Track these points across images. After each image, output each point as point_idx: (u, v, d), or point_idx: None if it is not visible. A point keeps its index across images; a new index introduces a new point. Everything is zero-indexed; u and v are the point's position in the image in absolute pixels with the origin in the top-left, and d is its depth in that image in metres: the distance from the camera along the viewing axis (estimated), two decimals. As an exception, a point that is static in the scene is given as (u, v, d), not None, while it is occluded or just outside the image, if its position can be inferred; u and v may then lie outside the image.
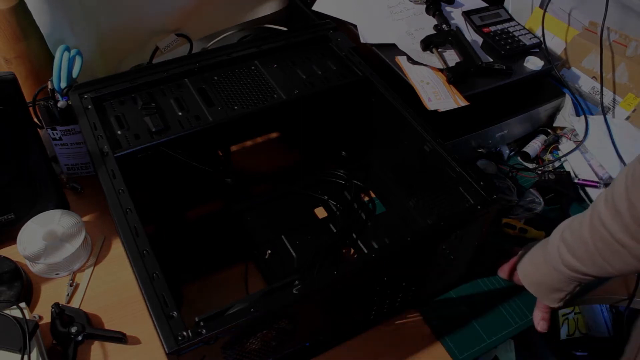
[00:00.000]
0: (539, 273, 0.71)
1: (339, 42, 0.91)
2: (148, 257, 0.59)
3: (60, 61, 0.80)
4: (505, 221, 0.88)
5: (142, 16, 0.93)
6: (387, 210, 0.90)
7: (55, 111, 0.83)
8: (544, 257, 0.70)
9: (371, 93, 0.85)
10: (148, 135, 0.75)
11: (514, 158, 1.01)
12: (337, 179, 0.92)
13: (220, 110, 0.79)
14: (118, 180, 0.67)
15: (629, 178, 0.56)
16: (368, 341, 0.75)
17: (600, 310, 1.24)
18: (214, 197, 0.90)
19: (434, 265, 0.74)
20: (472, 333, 0.77)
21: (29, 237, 0.78)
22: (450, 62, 0.94)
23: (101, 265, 0.81)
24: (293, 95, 0.82)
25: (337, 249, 0.83)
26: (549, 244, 0.69)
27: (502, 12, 1.07)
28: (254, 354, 0.63)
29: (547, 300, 0.72)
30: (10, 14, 0.81)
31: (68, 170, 0.90)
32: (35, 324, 0.66)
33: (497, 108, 0.96)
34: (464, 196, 0.72)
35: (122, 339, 0.71)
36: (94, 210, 0.87)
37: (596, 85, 1.02)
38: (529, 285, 0.74)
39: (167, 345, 0.52)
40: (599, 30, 1.01)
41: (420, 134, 0.76)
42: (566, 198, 0.93)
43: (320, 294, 0.61)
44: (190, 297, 0.76)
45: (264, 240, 0.83)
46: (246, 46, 0.88)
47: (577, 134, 1.00)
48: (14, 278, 0.75)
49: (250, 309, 0.56)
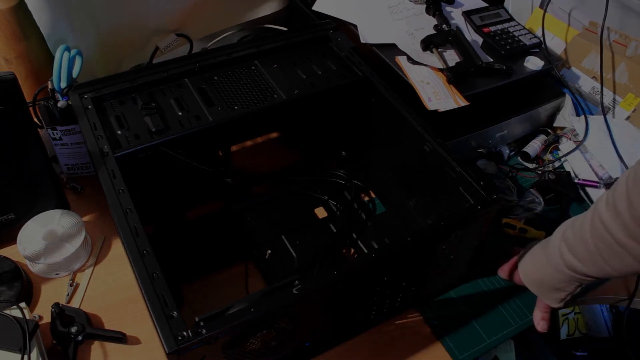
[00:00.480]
0: (541, 272, 0.71)
1: (339, 42, 0.91)
2: (148, 257, 0.59)
3: (60, 61, 0.80)
4: (505, 221, 0.88)
5: (142, 16, 0.93)
6: (387, 210, 0.90)
7: (55, 111, 0.83)
8: (546, 257, 0.70)
9: (371, 93, 0.85)
10: (148, 135, 0.75)
11: (514, 158, 1.01)
12: (337, 179, 0.92)
13: (220, 110, 0.79)
14: (118, 180, 0.67)
15: (630, 179, 0.56)
16: (368, 341, 0.75)
17: (600, 310, 1.24)
18: (214, 197, 0.90)
19: (434, 265, 0.74)
20: (472, 333, 0.77)
21: (29, 237, 0.78)
22: (450, 62, 0.94)
23: (101, 265, 0.81)
24: (293, 95, 0.82)
25: (337, 249, 0.83)
26: (551, 243, 0.69)
27: (502, 12, 1.07)
28: (254, 354, 0.63)
29: (548, 300, 0.72)
30: (10, 14, 0.81)
31: (68, 170, 0.90)
32: (35, 324, 0.66)
33: (497, 108, 0.96)
34: (464, 196, 0.72)
35: (122, 339, 0.71)
36: (94, 210, 0.87)
37: (596, 85, 1.02)
38: (530, 284, 0.74)
39: (167, 345, 0.52)
40: (599, 30, 1.01)
41: (420, 134, 0.76)
42: (566, 198, 0.93)
43: (320, 294, 0.61)
44: (190, 297, 0.76)
45: (264, 240, 0.83)
46: (246, 46, 0.88)
47: (577, 134, 1.00)
48: (14, 278, 0.75)
49: (250, 309, 0.56)
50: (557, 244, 0.67)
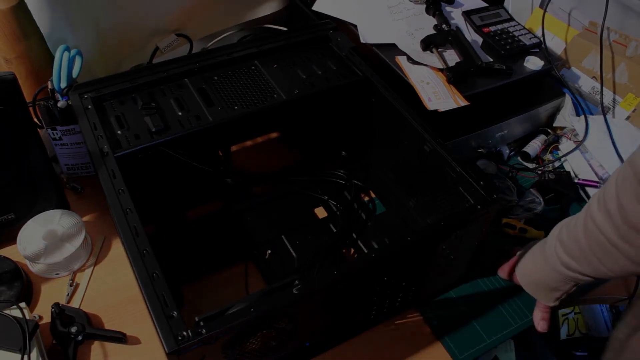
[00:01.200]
0: (539, 273, 0.71)
1: (339, 42, 0.91)
2: (148, 257, 0.59)
3: (60, 61, 0.80)
4: (505, 221, 0.88)
5: (142, 16, 0.93)
6: (387, 210, 0.90)
7: (55, 111, 0.83)
8: (543, 257, 0.70)
9: (371, 93, 0.85)
10: (148, 135, 0.75)
11: (514, 158, 1.01)
12: (337, 179, 0.92)
13: (220, 110, 0.79)
14: (118, 180, 0.67)
15: (619, 180, 0.56)
16: (368, 341, 0.75)
17: (600, 310, 1.24)
18: (214, 197, 0.90)
19: (434, 265, 0.74)
20: (472, 333, 0.77)
21: (29, 237, 0.78)
22: (450, 62, 0.94)
23: (101, 265, 0.81)
24: (293, 95, 0.82)
25: (337, 249, 0.83)
26: (547, 244, 0.69)
27: (502, 12, 1.07)
28: (254, 354, 0.63)
29: (544, 299, 0.72)
30: (10, 14, 0.81)
31: (68, 170, 0.90)
32: (35, 323, 0.66)
33: (497, 108, 0.96)
34: (464, 196, 0.72)
35: (122, 339, 0.71)
36: (94, 210, 0.87)
37: (596, 85, 1.02)
38: (527, 285, 0.74)
39: (167, 345, 0.52)
40: (599, 30, 1.01)
41: (420, 134, 0.76)
42: (566, 198, 0.93)
43: (320, 294, 0.61)
44: (190, 297, 0.76)
45: (264, 240, 0.83)
46: (246, 46, 0.88)
47: (577, 134, 1.00)
48: (14, 278, 0.75)
49: (250, 309, 0.56)
50: (553, 244, 0.67)
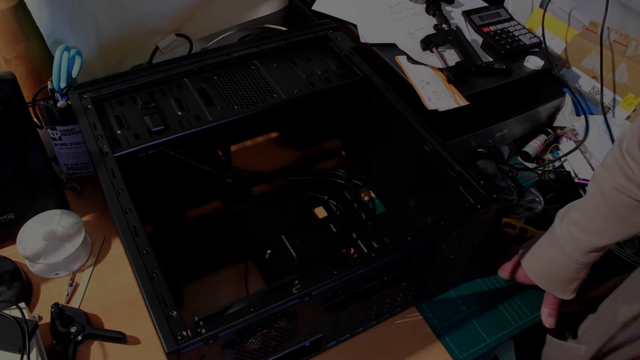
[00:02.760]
0: (552, 266, 0.71)
1: (339, 42, 0.91)
2: (148, 256, 0.59)
3: (60, 61, 0.80)
4: (505, 221, 0.88)
5: (142, 16, 0.93)
6: (387, 210, 0.90)
7: (55, 111, 0.83)
8: (554, 249, 0.69)
9: (371, 93, 0.85)
10: (148, 135, 0.75)
11: (514, 158, 1.01)
12: (337, 179, 0.92)
13: (220, 110, 0.79)
14: (118, 180, 0.67)
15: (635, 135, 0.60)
16: (368, 341, 0.75)
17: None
18: (214, 197, 0.90)
19: (434, 265, 0.74)
20: (472, 333, 0.77)
21: (29, 237, 0.78)
22: (450, 61, 0.94)
23: (101, 265, 0.81)
24: (293, 95, 0.82)
25: (337, 249, 0.83)
26: (555, 235, 0.69)
27: (502, 11, 1.07)
28: (254, 354, 0.63)
29: (561, 293, 0.72)
30: (10, 14, 0.81)
31: (68, 170, 0.90)
32: (35, 324, 0.66)
33: (497, 108, 0.96)
34: (464, 196, 0.72)
35: (122, 339, 0.71)
36: (94, 210, 0.87)
37: (596, 85, 1.02)
38: (539, 280, 0.74)
39: (167, 345, 0.52)
40: (599, 30, 1.01)
41: (420, 133, 0.76)
42: (566, 198, 0.93)
43: (320, 294, 0.61)
44: (190, 297, 0.76)
45: (264, 240, 0.83)
46: (246, 46, 0.88)
47: (577, 133, 1.00)
48: (14, 278, 0.75)
49: (250, 308, 0.56)
50: (564, 232, 0.68)
